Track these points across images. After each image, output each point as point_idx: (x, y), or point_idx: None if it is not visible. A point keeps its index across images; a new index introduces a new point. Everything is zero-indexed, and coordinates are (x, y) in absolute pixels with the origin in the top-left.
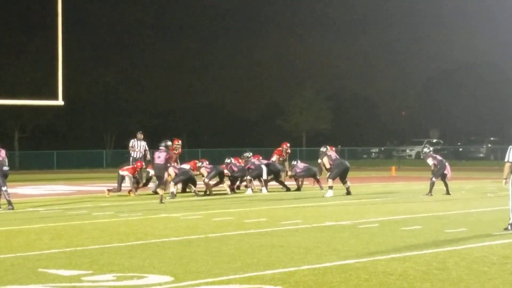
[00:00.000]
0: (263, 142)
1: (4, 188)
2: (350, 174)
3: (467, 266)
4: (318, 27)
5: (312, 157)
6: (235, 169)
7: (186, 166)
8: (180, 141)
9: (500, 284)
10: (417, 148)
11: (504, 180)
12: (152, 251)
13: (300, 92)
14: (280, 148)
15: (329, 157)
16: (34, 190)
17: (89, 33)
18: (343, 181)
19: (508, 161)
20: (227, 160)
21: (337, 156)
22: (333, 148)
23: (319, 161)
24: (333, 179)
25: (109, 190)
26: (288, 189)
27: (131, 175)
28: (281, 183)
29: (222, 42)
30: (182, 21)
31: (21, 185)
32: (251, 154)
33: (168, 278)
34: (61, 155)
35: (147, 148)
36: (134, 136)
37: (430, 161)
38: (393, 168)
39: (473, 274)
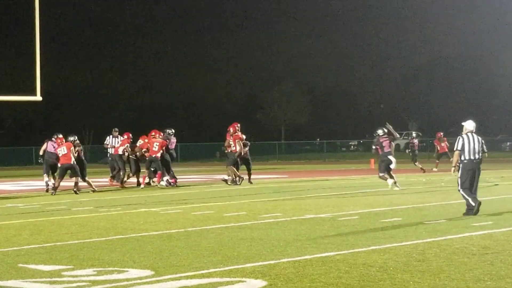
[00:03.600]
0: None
1: None
2: (329, 167)
3: (447, 257)
4: (296, 21)
5: (291, 151)
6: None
7: None
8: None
9: (480, 274)
10: (396, 141)
11: (453, 168)
12: (132, 245)
13: (279, 86)
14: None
15: None
16: (13, 186)
17: (67, 28)
18: None
19: (456, 150)
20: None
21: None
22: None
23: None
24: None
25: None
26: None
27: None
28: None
29: (200, 36)
30: (160, 16)
31: None
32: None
33: (149, 272)
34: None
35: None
36: (110, 133)
37: None
38: (373, 160)
39: (453, 265)
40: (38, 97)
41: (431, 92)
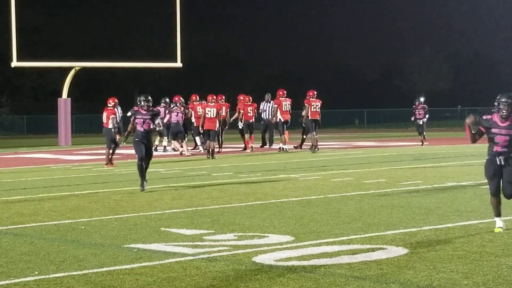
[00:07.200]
0: (380, 103)
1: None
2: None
3: None
4: None
5: (430, 117)
6: None
7: None
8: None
9: None
10: None
11: None
12: (272, 211)
13: (419, 52)
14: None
15: None
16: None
17: None
18: None
19: None
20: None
21: None
22: None
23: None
24: None
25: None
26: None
27: None
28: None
29: (340, 4)
30: None
31: None
32: None
33: (289, 238)
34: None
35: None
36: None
37: None
38: None
39: None
40: (179, 64)
41: None
